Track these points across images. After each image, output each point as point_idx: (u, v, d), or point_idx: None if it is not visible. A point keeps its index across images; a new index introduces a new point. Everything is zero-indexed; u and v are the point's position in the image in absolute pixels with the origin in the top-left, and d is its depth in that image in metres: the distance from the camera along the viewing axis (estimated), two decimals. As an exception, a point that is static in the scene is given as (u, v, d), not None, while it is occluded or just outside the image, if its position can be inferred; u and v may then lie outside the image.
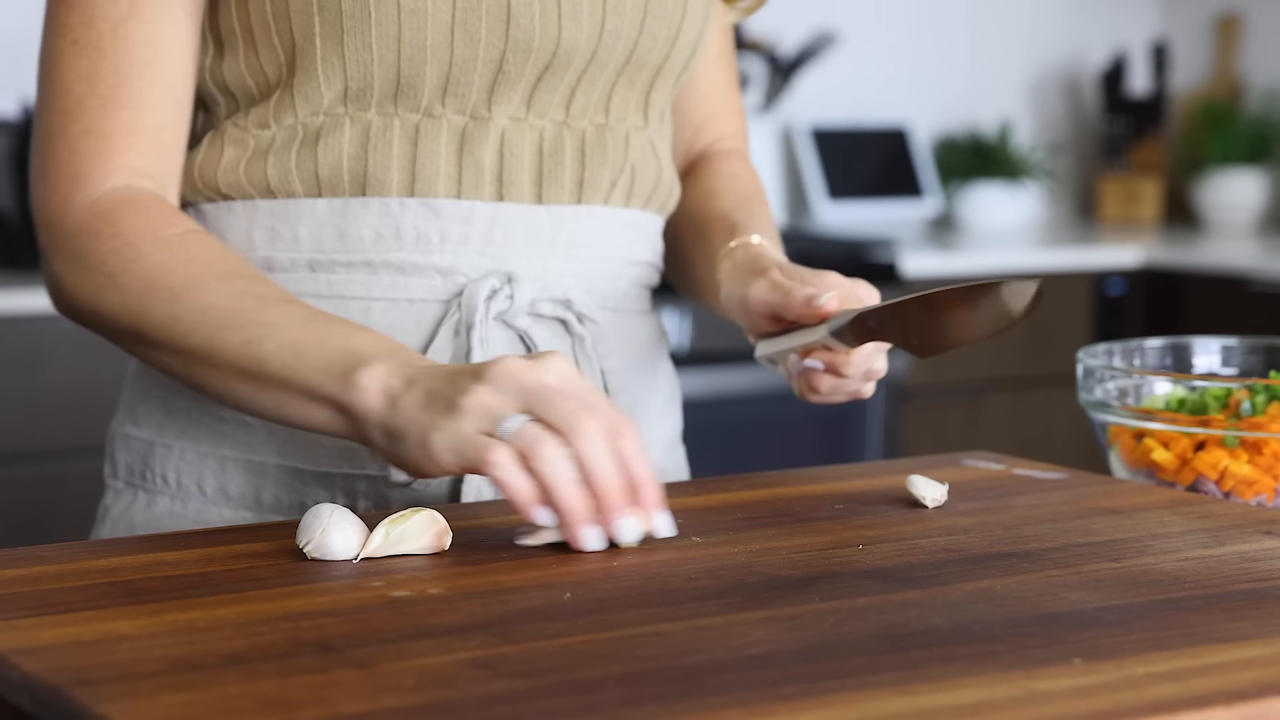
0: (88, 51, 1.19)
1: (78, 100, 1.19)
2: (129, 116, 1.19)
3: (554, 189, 1.26)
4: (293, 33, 1.21)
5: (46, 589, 0.95)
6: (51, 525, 2.71)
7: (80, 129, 1.19)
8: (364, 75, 1.20)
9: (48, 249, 1.21)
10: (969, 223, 4.04)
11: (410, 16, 1.19)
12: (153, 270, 1.16)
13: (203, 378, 1.16)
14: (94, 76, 1.19)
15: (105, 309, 1.18)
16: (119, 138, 1.19)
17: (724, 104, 1.45)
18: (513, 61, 1.22)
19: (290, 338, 1.11)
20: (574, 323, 1.26)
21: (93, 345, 2.73)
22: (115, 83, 1.19)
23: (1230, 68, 4.32)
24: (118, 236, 1.17)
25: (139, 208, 1.18)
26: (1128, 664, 0.83)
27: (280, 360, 1.11)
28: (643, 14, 1.25)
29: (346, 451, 1.23)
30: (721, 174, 1.41)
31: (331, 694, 0.78)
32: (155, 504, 1.27)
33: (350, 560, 1.00)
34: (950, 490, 1.21)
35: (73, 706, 0.77)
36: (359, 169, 1.22)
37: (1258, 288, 3.52)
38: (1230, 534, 1.10)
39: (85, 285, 1.18)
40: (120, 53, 1.19)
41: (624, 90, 1.28)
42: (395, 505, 1.23)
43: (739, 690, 0.79)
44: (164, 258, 1.16)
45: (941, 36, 4.20)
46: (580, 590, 0.95)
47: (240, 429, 1.25)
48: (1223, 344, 1.47)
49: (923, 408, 3.51)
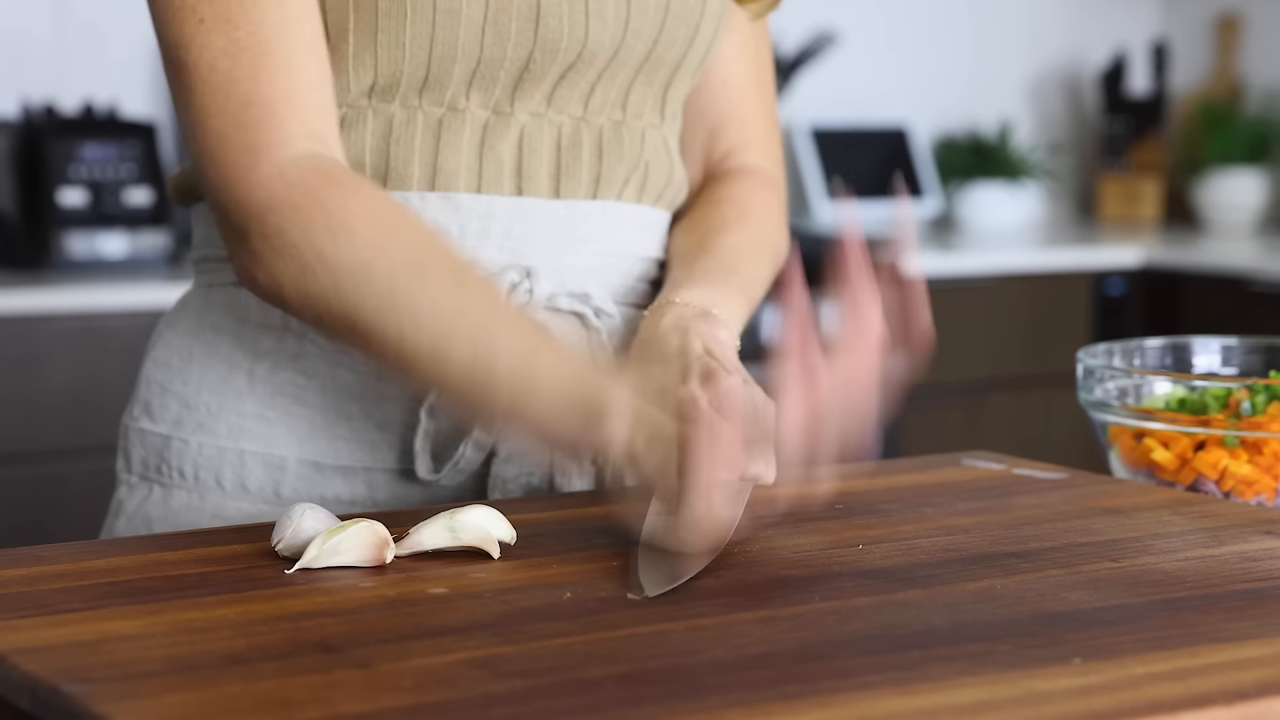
0: (220, 26, 1.14)
1: (225, 75, 1.14)
2: (284, 80, 1.14)
3: (571, 184, 1.25)
4: (328, 27, 1.19)
5: (46, 589, 0.95)
6: (51, 525, 2.71)
7: (240, 102, 1.13)
8: (394, 71, 1.20)
9: (240, 231, 1.14)
10: (969, 223, 4.04)
11: (445, 16, 1.19)
12: (370, 253, 1.11)
13: (413, 374, 1.13)
14: (234, 49, 1.14)
15: (315, 290, 1.12)
16: (281, 104, 1.14)
17: (739, 105, 1.39)
18: (540, 60, 1.22)
19: (521, 366, 1.09)
20: (590, 317, 1.26)
21: (93, 345, 2.74)
22: (258, 50, 1.14)
23: (1230, 68, 4.32)
24: (325, 213, 1.11)
25: (338, 181, 1.13)
26: (1128, 664, 0.83)
27: (510, 388, 1.09)
28: (664, 13, 1.25)
29: (366, 445, 1.23)
30: (710, 199, 1.35)
31: (331, 694, 0.78)
32: (172, 498, 1.27)
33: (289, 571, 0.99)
34: (950, 490, 1.22)
35: (73, 706, 0.77)
36: (380, 162, 1.22)
37: (1258, 288, 3.52)
38: (1230, 534, 1.10)
39: (291, 266, 1.12)
40: (253, 20, 1.14)
41: (642, 88, 1.28)
42: (414, 500, 1.23)
43: (739, 690, 0.79)
44: (382, 241, 1.11)
45: (941, 36, 4.20)
46: (580, 590, 0.95)
47: (259, 424, 1.25)
48: (1223, 344, 1.47)
49: (923, 408, 3.51)
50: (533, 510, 1.14)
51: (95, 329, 2.73)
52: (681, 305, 1.21)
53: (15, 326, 2.69)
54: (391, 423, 1.23)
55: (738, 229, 1.32)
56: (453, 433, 1.23)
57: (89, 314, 2.74)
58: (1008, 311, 3.60)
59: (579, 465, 1.22)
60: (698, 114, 1.38)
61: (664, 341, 1.18)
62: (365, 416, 1.23)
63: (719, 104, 1.38)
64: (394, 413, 1.23)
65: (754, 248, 1.32)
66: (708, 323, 1.19)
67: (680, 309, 1.21)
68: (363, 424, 1.23)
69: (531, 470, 1.24)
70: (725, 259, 1.28)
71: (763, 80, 1.41)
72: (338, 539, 0.99)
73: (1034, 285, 3.64)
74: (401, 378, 1.18)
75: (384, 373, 1.21)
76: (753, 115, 1.40)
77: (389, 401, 1.23)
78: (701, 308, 1.21)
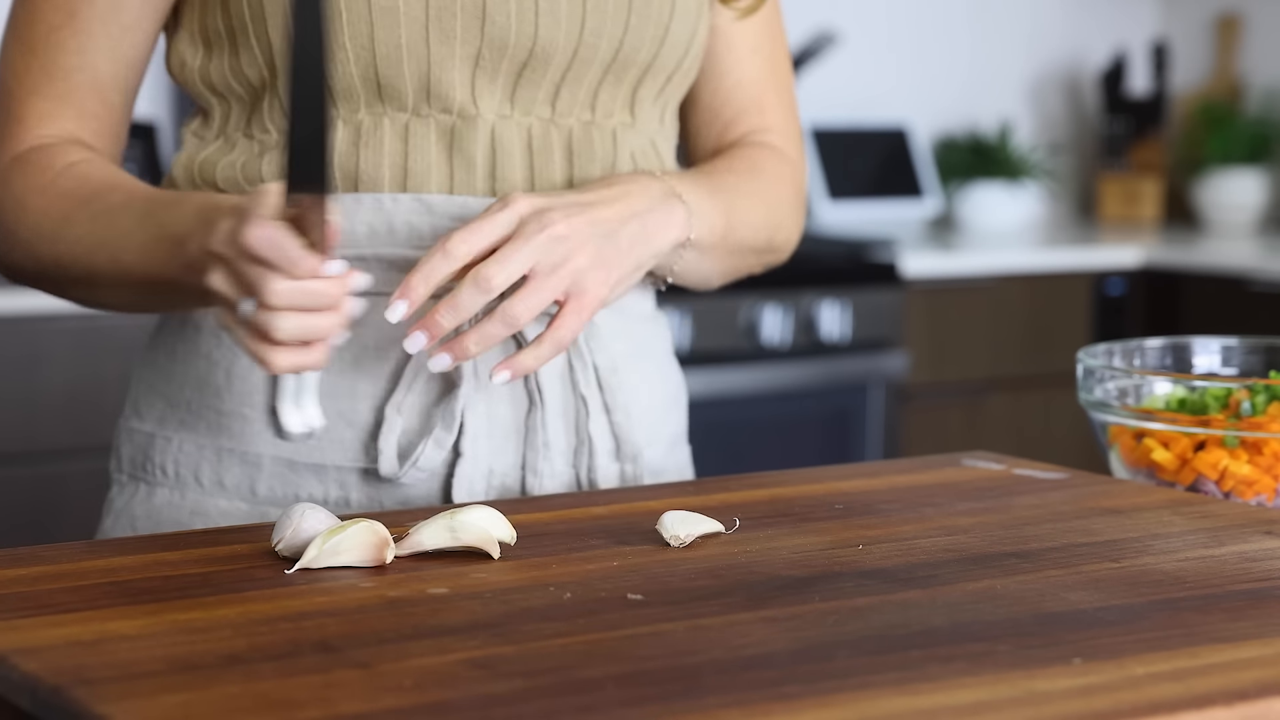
0: (24, 50, 1.27)
1: (8, 92, 1.27)
2: (46, 105, 1.26)
3: (546, 187, 1.26)
4: (269, 34, 1.22)
5: (46, 589, 0.95)
6: (51, 525, 2.71)
7: (3, 117, 1.27)
8: (343, 75, 1.21)
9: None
10: (969, 223, 4.04)
11: (382, 14, 1.20)
12: (37, 218, 1.24)
13: (105, 299, 1.25)
14: (24, 73, 1.27)
15: (16, 263, 1.27)
16: (32, 118, 1.26)
17: (755, 99, 1.39)
18: (489, 58, 1.22)
19: (138, 241, 1.18)
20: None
21: (93, 345, 2.74)
22: (41, 79, 1.26)
23: (1230, 68, 4.32)
24: (10, 197, 1.25)
25: (25, 164, 1.25)
26: (1128, 664, 0.83)
27: (139, 268, 1.19)
28: (627, 12, 1.25)
29: (337, 443, 1.24)
30: (722, 155, 1.37)
31: (331, 694, 0.78)
32: (155, 495, 1.28)
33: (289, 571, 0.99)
34: (950, 490, 1.22)
35: (73, 706, 0.77)
36: (350, 165, 1.23)
37: (1258, 288, 3.52)
38: (1230, 534, 1.10)
39: (3, 248, 1.27)
40: (50, 56, 1.26)
41: (611, 88, 1.28)
42: (387, 501, 1.23)
43: (739, 690, 0.79)
44: (42, 203, 1.23)
45: (941, 36, 4.20)
46: (580, 590, 0.95)
47: (237, 421, 1.25)
48: (1223, 344, 1.47)
49: (923, 408, 3.51)
50: (533, 510, 1.14)
51: (95, 329, 2.73)
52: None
53: (15, 326, 2.69)
54: (362, 421, 1.24)
55: (745, 175, 1.34)
56: (419, 431, 1.23)
57: (89, 314, 2.74)
58: (1008, 311, 3.61)
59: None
60: (712, 113, 1.38)
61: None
62: (337, 414, 1.23)
63: (735, 102, 1.38)
64: (364, 411, 1.24)
65: (752, 193, 1.34)
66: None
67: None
68: (334, 421, 1.23)
69: (505, 471, 1.24)
70: (716, 180, 1.31)
71: (779, 78, 1.41)
72: (338, 539, 0.99)
73: (1034, 285, 3.64)
74: (108, 298, 1.26)
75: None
76: (771, 107, 1.40)
77: (360, 400, 1.24)
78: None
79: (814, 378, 3.31)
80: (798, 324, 3.29)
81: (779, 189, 1.37)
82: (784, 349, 3.28)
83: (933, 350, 3.52)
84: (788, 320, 3.27)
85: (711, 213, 1.28)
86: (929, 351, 3.51)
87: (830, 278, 3.32)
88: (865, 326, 3.36)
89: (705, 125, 1.39)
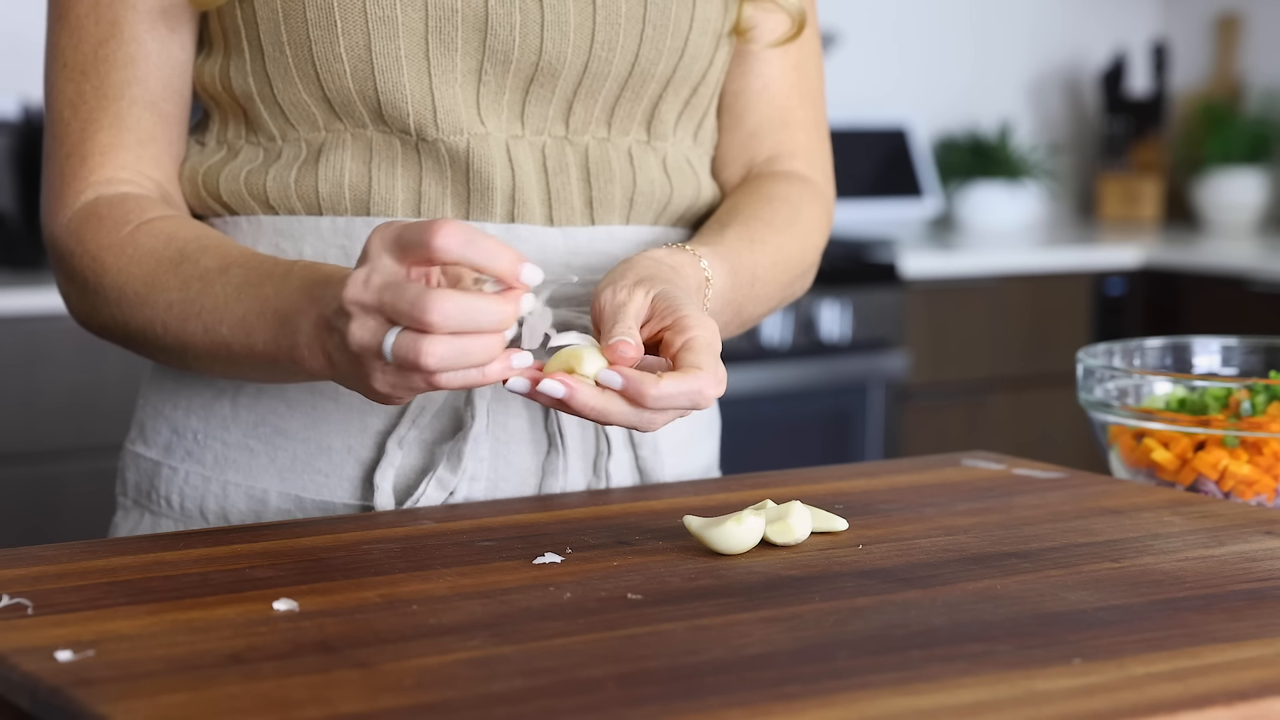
0: (74, 75, 1.22)
1: (65, 124, 1.22)
2: (106, 136, 1.21)
3: (564, 210, 1.21)
4: (260, 40, 1.19)
5: (46, 589, 0.95)
6: (51, 525, 2.71)
7: (65, 152, 1.22)
8: (341, 88, 1.18)
9: (53, 269, 1.24)
10: (969, 223, 4.04)
11: (379, 25, 1.16)
12: (119, 278, 1.17)
13: (197, 367, 1.18)
14: (78, 100, 1.22)
15: (99, 323, 1.21)
16: (95, 156, 1.21)
17: (782, 107, 1.33)
18: (491, 72, 1.19)
19: (236, 315, 1.12)
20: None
21: (93, 345, 2.73)
22: (96, 104, 1.21)
23: (1230, 68, 4.32)
24: (85, 253, 1.19)
25: (98, 218, 1.19)
26: (1128, 664, 0.83)
27: (238, 341, 1.12)
28: (641, 24, 1.21)
29: (346, 481, 1.22)
30: (762, 192, 1.30)
31: (331, 694, 0.78)
32: (159, 526, 1.26)
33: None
34: (950, 490, 1.21)
35: (73, 706, 0.77)
36: (362, 189, 1.20)
37: (1258, 288, 3.52)
38: (1230, 534, 1.10)
39: (83, 304, 1.21)
40: (101, 74, 1.21)
41: (628, 104, 1.23)
42: None
43: (739, 690, 0.79)
44: (123, 263, 1.17)
45: (942, 36, 4.20)
46: (580, 590, 0.95)
47: (243, 454, 1.24)
48: (1223, 344, 1.47)
49: (923, 408, 3.51)
50: (533, 510, 1.14)
51: (95, 329, 2.73)
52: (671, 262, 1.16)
53: (15, 326, 2.69)
54: (370, 459, 1.21)
55: (785, 230, 1.28)
56: (420, 470, 1.20)
57: (89, 314, 2.74)
58: (1008, 311, 3.61)
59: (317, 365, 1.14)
60: (735, 119, 1.33)
61: (654, 275, 1.12)
62: (346, 450, 1.21)
63: (759, 108, 1.33)
64: (373, 448, 1.21)
65: (778, 262, 1.27)
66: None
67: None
68: (343, 458, 1.21)
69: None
70: (743, 257, 1.23)
71: (808, 88, 1.35)
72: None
73: (1034, 285, 3.64)
74: (205, 368, 1.19)
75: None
76: (799, 123, 1.35)
77: (369, 436, 1.21)
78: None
79: (814, 378, 3.32)
80: (798, 324, 3.29)
81: (811, 239, 1.32)
82: (784, 349, 3.28)
83: (933, 350, 3.52)
84: (788, 320, 3.27)
85: (727, 284, 1.21)
86: (929, 351, 3.51)
87: (830, 277, 3.31)
88: (865, 326, 3.37)
89: (727, 131, 1.33)
